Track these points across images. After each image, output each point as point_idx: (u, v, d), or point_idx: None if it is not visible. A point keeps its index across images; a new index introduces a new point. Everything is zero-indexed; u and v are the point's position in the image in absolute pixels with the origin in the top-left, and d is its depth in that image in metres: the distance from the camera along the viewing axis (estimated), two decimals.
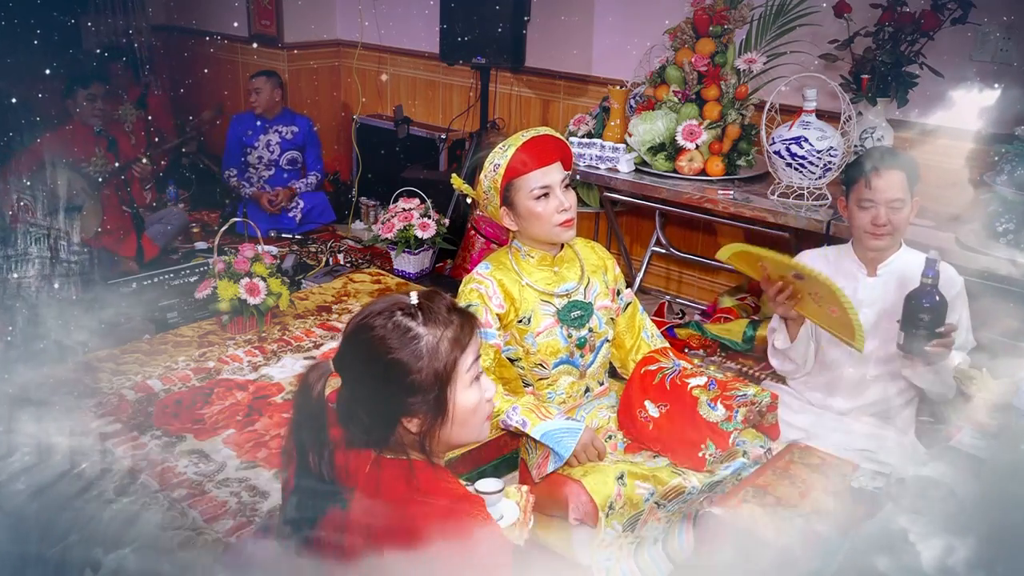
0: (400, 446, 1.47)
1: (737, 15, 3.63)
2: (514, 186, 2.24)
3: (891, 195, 2.48)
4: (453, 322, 1.47)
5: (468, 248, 4.47)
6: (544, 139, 2.25)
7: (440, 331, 1.45)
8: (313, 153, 5.41)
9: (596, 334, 2.37)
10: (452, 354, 1.46)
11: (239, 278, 3.58)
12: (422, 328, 1.44)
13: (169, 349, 3.50)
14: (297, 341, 3.61)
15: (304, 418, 1.46)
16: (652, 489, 2.14)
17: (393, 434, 1.47)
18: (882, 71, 3.37)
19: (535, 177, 2.23)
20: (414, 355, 1.43)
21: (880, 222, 2.49)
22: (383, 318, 1.44)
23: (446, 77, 5.37)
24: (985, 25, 3.37)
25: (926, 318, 2.27)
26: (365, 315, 1.46)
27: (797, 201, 3.34)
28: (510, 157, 2.22)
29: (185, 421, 3.02)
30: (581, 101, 4.71)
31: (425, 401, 1.45)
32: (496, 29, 4.38)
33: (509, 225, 2.31)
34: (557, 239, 2.31)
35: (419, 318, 1.45)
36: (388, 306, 1.46)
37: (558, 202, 2.24)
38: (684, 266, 4.52)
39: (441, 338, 1.45)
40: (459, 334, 1.47)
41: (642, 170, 3.75)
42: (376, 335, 1.43)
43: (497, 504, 1.96)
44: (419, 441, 1.47)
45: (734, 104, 3.63)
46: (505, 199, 2.27)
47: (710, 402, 2.26)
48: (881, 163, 2.50)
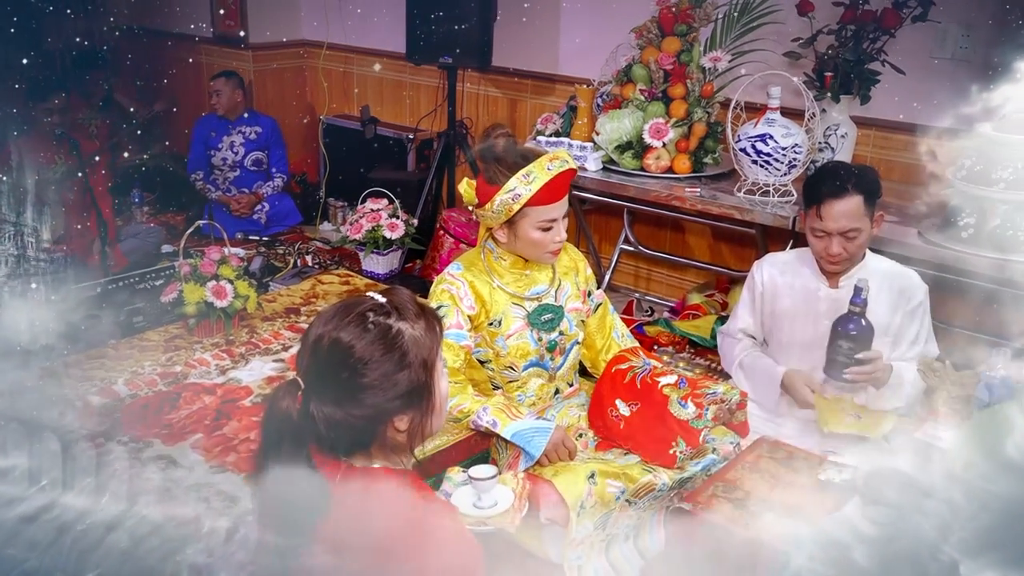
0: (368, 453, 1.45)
1: (702, 13, 3.65)
2: (523, 213, 2.23)
3: (844, 225, 2.38)
4: (421, 312, 1.47)
5: (437, 248, 4.47)
6: (567, 175, 2.24)
7: (417, 323, 1.44)
8: (278, 153, 5.36)
9: (567, 337, 2.38)
10: (432, 343, 1.45)
11: (205, 281, 3.54)
12: (401, 323, 1.42)
13: (135, 354, 3.45)
14: (266, 344, 3.58)
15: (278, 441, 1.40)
16: (623, 487, 2.15)
17: (379, 437, 1.45)
18: (845, 69, 3.41)
19: (547, 211, 2.23)
20: (402, 352, 1.41)
21: (832, 252, 2.42)
22: (356, 326, 1.40)
23: (413, 77, 5.36)
24: (945, 23, 3.43)
25: (846, 345, 2.29)
26: (333, 328, 1.41)
27: (763, 198, 3.37)
28: (534, 191, 2.18)
29: (152, 426, 2.98)
30: (548, 100, 4.72)
31: (416, 395, 1.43)
32: (463, 29, 4.37)
33: (500, 238, 2.30)
34: (542, 262, 2.34)
35: (394, 315, 1.43)
36: (358, 312, 1.42)
37: (557, 233, 2.26)
38: (652, 264, 4.54)
39: (420, 329, 1.44)
40: (431, 322, 1.47)
41: (610, 168, 3.77)
42: (358, 343, 1.39)
43: (491, 490, 1.97)
44: (408, 438, 1.46)
45: (700, 102, 3.65)
46: (509, 221, 2.27)
47: (680, 400, 2.27)
48: (833, 191, 2.37)
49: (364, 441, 1.45)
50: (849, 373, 2.30)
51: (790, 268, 2.65)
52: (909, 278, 2.57)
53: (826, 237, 2.43)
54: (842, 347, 2.29)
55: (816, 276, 2.59)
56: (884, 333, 2.49)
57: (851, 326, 2.28)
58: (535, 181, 2.18)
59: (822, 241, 2.45)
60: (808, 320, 2.59)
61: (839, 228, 2.40)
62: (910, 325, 2.53)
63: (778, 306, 2.65)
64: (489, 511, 1.96)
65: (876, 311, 2.46)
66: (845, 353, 2.29)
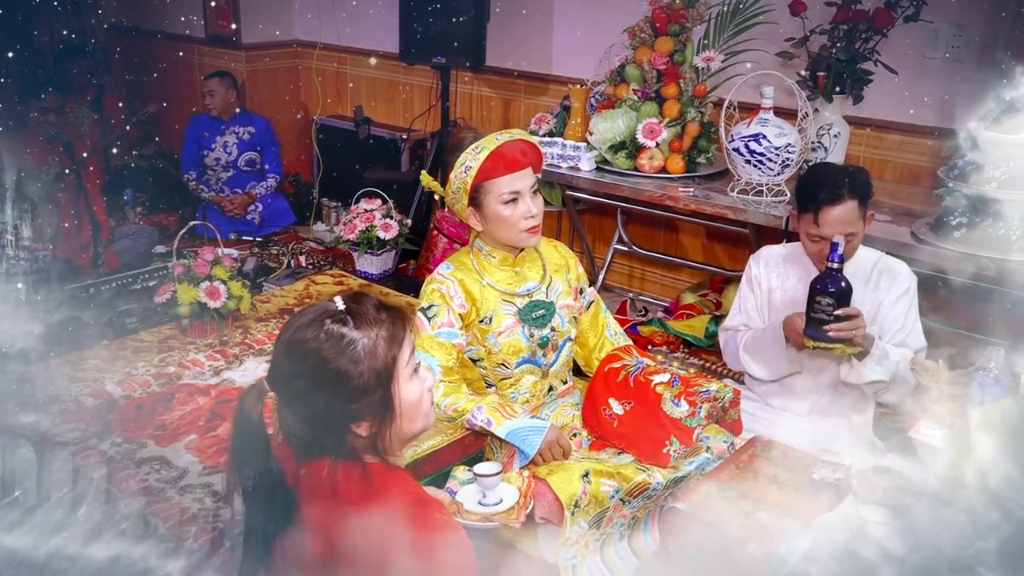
0: (353, 451, 1.45)
1: (695, 13, 3.66)
2: (483, 189, 2.23)
3: (841, 230, 2.39)
4: (384, 320, 1.45)
5: (431, 248, 4.46)
6: (517, 143, 2.24)
7: (374, 331, 1.43)
8: (271, 153, 5.35)
9: (558, 333, 2.38)
10: (390, 352, 1.44)
11: (199, 281, 3.53)
12: (355, 332, 1.42)
13: (128, 354, 3.44)
14: (259, 344, 3.57)
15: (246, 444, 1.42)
16: (617, 486, 2.15)
17: (344, 441, 1.45)
18: (837, 68, 3.42)
19: (505, 182, 2.22)
20: (352, 361, 1.41)
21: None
22: (313, 330, 1.41)
23: (406, 77, 5.36)
24: (937, 23, 3.44)
25: (825, 301, 2.30)
26: (293, 330, 1.43)
27: (756, 197, 3.38)
28: (482, 160, 2.20)
29: (146, 427, 2.97)
30: (542, 100, 4.72)
31: (371, 403, 1.43)
32: (456, 29, 4.37)
33: (475, 225, 2.31)
34: (522, 244, 2.32)
35: (349, 323, 1.42)
36: (315, 317, 1.43)
37: (526, 208, 2.24)
38: (646, 263, 4.55)
39: (376, 338, 1.43)
40: (393, 331, 1.45)
41: (603, 168, 3.77)
42: (310, 348, 1.40)
43: (496, 488, 1.97)
44: (371, 443, 1.46)
45: (693, 102, 3.65)
46: (473, 200, 2.26)
47: (674, 399, 2.28)
48: (830, 198, 2.39)
49: (330, 443, 1.44)
50: (832, 330, 2.31)
51: (786, 261, 2.66)
52: (897, 266, 2.59)
53: (822, 241, 2.44)
54: (821, 303, 2.30)
55: (813, 269, 2.61)
56: (871, 322, 2.50)
57: (829, 282, 2.29)
58: (483, 151, 2.20)
59: (818, 244, 2.46)
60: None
61: (835, 232, 2.40)
62: (893, 311, 2.54)
63: (775, 298, 2.67)
64: (494, 508, 1.96)
65: (862, 299, 2.47)
66: (824, 310, 2.30)
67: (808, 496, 2.03)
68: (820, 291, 2.31)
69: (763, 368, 2.63)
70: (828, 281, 2.30)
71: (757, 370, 2.64)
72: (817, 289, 2.31)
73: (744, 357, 2.67)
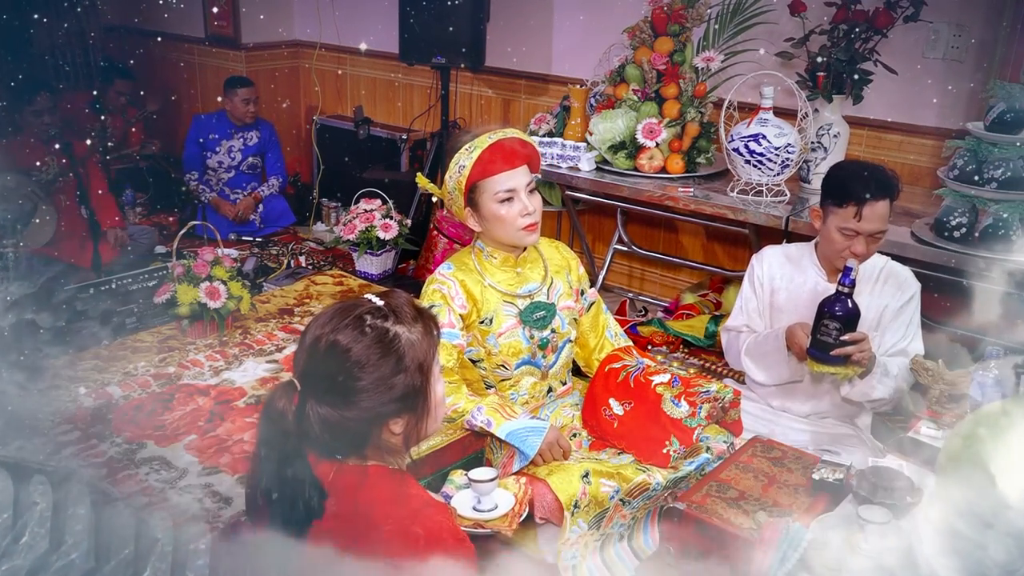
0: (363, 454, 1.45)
1: (694, 14, 3.66)
2: (479, 188, 2.23)
3: (878, 226, 2.41)
4: (419, 316, 1.46)
5: (431, 249, 4.46)
6: (511, 141, 2.23)
7: (414, 327, 1.43)
8: (274, 156, 5.36)
9: (559, 335, 2.38)
10: (430, 347, 1.45)
11: (199, 282, 3.54)
12: (398, 327, 1.42)
13: (128, 355, 3.45)
14: (259, 345, 3.58)
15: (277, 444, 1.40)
16: (617, 487, 2.15)
17: (373, 441, 1.44)
18: (837, 69, 3.42)
19: (500, 180, 2.21)
20: (399, 356, 1.40)
21: (858, 251, 2.42)
22: (353, 329, 1.40)
23: (406, 77, 5.36)
24: (936, 23, 3.44)
25: (833, 325, 2.29)
26: (331, 330, 1.40)
27: (756, 198, 3.38)
28: (475, 159, 2.19)
29: (145, 427, 2.98)
30: (542, 100, 4.72)
31: (411, 400, 1.43)
32: (456, 29, 4.37)
33: (473, 226, 2.31)
34: (520, 242, 2.31)
35: (391, 319, 1.42)
36: (355, 315, 1.41)
37: (522, 206, 2.23)
38: (646, 263, 4.55)
39: (417, 333, 1.43)
40: (428, 326, 1.46)
41: (603, 168, 3.77)
42: (354, 349, 1.39)
43: (491, 493, 1.96)
44: (403, 441, 1.46)
45: (693, 102, 3.66)
46: (469, 200, 2.26)
47: (674, 399, 2.27)
48: (877, 193, 2.38)
49: (359, 443, 1.44)
50: (837, 353, 2.30)
51: (789, 261, 2.66)
52: (903, 274, 2.58)
53: (855, 236, 2.42)
54: (828, 326, 2.29)
55: (816, 270, 2.60)
56: (873, 327, 2.50)
57: (838, 307, 2.28)
58: (476, 150, 2.20)
59: (849, 239, 2.43)
60: (807, 314, 2.58)
61: (874, 229, 2.40)
62: (897, 319, 2.54)
63: (777, 299, 2.66)
64: (488, 514, 1.95)
65: (867, 303, 2.47)
66: (830, 333, 2.29)
67: (808, 496, 2.03)
68: (828, 314, 2.29)
69: (764, 373, 2.63)
70: (837, 305, 2.28)
71: (758, 374, 2.64)
72: (825, 312, 2.30)
73: (746, 360, 2.67)
